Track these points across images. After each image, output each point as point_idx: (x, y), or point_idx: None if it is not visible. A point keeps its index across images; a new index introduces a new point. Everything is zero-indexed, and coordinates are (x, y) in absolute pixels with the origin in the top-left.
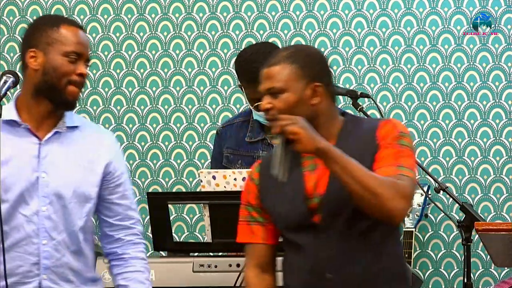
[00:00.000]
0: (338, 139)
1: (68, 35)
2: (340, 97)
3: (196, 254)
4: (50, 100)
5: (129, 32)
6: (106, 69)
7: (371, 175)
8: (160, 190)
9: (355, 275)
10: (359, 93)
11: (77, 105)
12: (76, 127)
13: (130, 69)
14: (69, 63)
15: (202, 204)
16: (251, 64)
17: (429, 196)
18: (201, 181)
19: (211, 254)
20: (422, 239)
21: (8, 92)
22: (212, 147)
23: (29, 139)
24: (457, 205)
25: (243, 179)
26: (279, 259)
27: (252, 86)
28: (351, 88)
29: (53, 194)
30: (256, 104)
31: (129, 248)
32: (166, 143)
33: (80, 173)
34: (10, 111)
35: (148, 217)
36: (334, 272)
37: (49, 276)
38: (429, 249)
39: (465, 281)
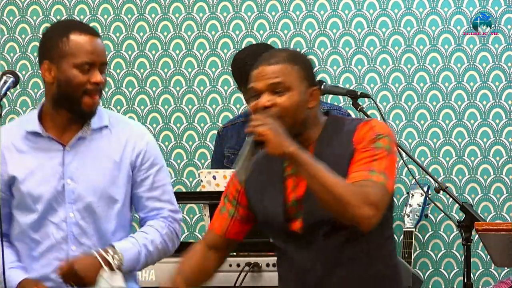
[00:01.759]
0: (317, 143)
1: (78, 46)
2: (340, 97)
3: None
4: (68, 111)
5: (129, 32)
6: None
7: (339, 182)
8: None
9: (338, 285)
10: (359, 93)
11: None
12: (104, 127)
13: (130, 69)
14: (82, 74)
15: (202, 204)
16: (245, 66)
17: (429, 196)
18: (201, 181)
19: None
20: (422, 239)
21: (8, 92)
22: (212, 147)
23: (53, 147)
24: (457, 205)
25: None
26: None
27: (247, 88)
28: (351, 88)
29: (79, 200)
30: None
31: (155, 219)
32: (166, 143)
33: (106, 176)
34: (33, 122)
35: None
36: (316, 283)
37: None
38: (429, 249)
39: (465, 281)
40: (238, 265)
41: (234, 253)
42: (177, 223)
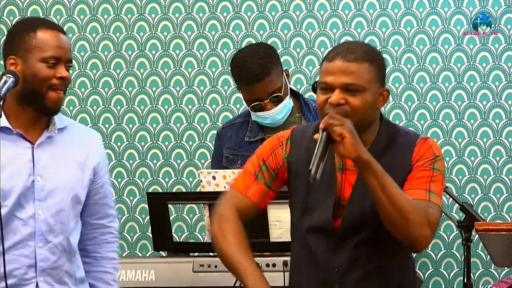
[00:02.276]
0: (373, 147)
1: (45, 40)
2: None
3: (196, 254)
4: (33, 107)
5: (129, 32)
6: (106, 69)
7: (406, 197)
8: (160, 190)
9: None
10: None
11: (77, 105)
12: (64, 128)
13: (130, 69)
14: (48, 68)
15: (202, 204)
16: (245, 65)
17: None
18: (201, 181)
19: (211, 254)
20: None
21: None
22: (212, 147)
23: (22, 144)
24: (457, 205)
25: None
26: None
27: (247, 87)
28: None
29: (49, 198)
30: (253, 104)
31: (101, 247)
32: (166, 143)
33: (73, 175)
34: (2, 119)
35: (148, 217)
36: (339, 284)
37: (45, 278)
38: (429, 249)
39: (465, 281)
40: None
41: None
42: (116, 229)
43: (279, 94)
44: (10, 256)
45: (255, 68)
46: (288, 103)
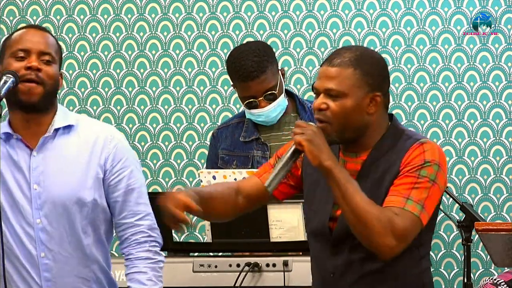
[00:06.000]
0: (372, 152)
1: (16, 37)
2: None
3: (196, 254)
4: (18, 107)
5: (129, 32)
6: (106, 69)
7: (368, 206)
8: (160, 190)
9: None
10: None
11: (77, 105)
12: (69, 126)
13: (130, 69)
14: (17, 61)
15: None
16: (240, 62)
17: None
18: (201, 181)
19: (211, 254)
20: None
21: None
22: None
23: (21, 150)
24: (457, 205)
25: (243, 179)
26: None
27: (242, 84)
28: None
29: (46, 205)
30: (247, 101)
31: (134, 248)
32: (166, 143)
33: (74, 178)
34: (4, 125)
35: None
36: None
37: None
38: None
39: (465, 281)
40: (238, 265)
41: (234, 253)
42: (155, 230)
43: (273, 92)
44: (19, 266)
45: (250, 66)
46: (282, 101)
